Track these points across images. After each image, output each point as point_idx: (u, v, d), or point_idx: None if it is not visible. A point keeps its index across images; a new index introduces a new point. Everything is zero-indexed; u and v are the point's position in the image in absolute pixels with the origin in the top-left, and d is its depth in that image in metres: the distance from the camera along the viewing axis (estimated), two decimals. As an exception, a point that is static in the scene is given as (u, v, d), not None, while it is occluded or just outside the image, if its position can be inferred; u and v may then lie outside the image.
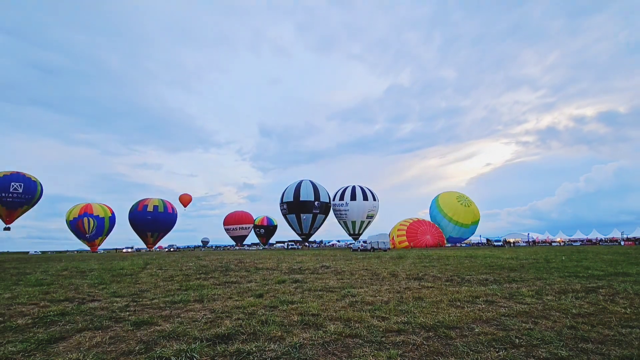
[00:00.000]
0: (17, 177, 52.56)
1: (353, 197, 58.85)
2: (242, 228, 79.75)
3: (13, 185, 51.27)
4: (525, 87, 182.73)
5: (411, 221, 55.04)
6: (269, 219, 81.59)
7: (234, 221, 79.72)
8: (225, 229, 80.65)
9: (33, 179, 53.92)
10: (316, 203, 57.30)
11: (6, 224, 53.72)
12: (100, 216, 62.19)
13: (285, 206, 58.95)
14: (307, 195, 57.15)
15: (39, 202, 56.63)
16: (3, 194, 50.58)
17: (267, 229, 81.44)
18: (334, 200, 61.62)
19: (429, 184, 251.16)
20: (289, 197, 58.06)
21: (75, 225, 59.82)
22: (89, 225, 59.97)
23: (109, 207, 65.19)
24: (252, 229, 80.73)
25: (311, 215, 57.43)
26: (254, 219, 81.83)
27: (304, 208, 57.04)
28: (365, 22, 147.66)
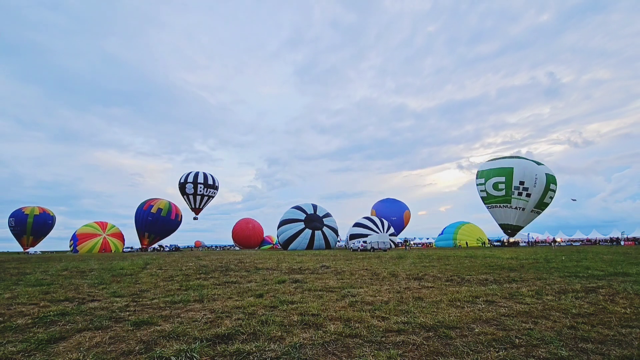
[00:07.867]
0: (15, 213, 62.32)
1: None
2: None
3: (10, 221, 62.41)
4: (450, 144, 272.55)
5: None
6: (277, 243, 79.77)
7: (244, 239, 75.77)
8: (235, 242, 78.45)
9: (26, 212, 62.06)
10: (325, 220, 57.31)
11: (24, 250, 64.93)
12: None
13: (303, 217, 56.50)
14: (322, 210, 57.49)
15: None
16: (10, 226, 62.81)
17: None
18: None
19: (415, 190, 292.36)
20: (310, 209, 56.61)
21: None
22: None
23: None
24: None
25: (320, 232, 56.93)
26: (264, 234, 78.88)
27: (315, 224, 56.01)
28: (340, 122, 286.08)
